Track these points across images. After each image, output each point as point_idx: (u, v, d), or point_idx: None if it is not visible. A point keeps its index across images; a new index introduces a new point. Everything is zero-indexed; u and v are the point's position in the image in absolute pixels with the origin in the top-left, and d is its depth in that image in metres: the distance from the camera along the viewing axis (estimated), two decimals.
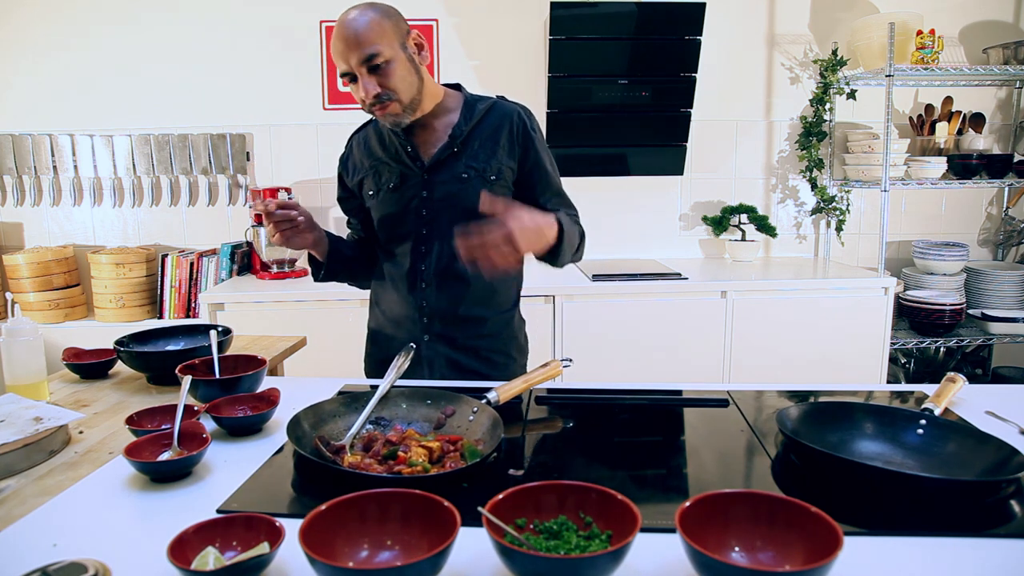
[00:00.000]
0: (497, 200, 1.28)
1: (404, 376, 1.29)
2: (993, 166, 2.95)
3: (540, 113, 2.97)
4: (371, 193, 1.56)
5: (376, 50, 1.33)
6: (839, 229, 3.22)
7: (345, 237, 1.70)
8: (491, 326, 1.57)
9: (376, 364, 1.65)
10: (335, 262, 1.60)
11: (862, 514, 0.89)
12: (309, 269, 1.65)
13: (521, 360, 1.65)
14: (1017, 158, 3.02)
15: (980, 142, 3.03)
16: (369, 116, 1.54)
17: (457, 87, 1.58)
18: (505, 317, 1.60)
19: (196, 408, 1.19)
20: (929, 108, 3.15)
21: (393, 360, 1.29)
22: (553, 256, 1.43)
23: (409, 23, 1.43)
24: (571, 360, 1.41)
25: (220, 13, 3.03)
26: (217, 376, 1.35)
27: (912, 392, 1.37)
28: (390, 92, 1.37)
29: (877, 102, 3.07)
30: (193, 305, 2.96)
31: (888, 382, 2.91)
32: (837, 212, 3.18)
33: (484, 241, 1.21)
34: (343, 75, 1.38)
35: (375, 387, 1.22)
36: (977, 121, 3.11)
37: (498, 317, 1.58)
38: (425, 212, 1.50)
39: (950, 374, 1.31)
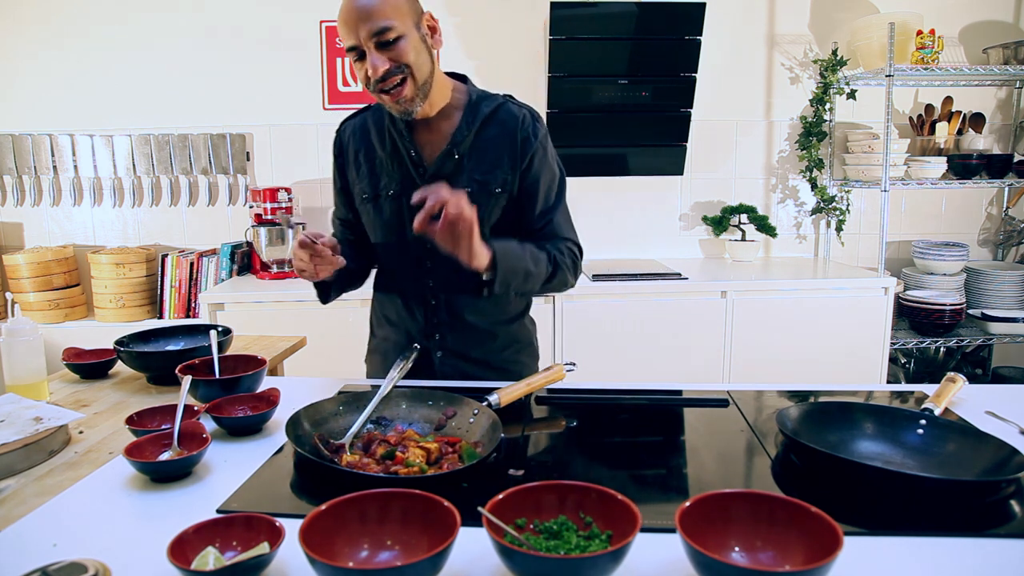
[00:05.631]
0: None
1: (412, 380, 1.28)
2: (993, 166, 2.95)
3: (540, 113, 2.97)
4: (365, 196, 1.44)
5: (388, 24, 1.22)
6: (839, 229, 3.22)
7: (334, 237, 1.49)
8: (503, 338, 1.51)
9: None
10: (342, 282, 1.48)
11: (862, 514, 0.89)
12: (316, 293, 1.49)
13: (533, 365, 1.61)
14: (1017, 158, 3.02)
15: (980, 142, 3.03)
16: (364, 105, 1.47)
17: (463, 79, 1.45)
18: (515, 326, 1.54)
19: (196, 408, 1.19)
20: (929, 108, 3.15)
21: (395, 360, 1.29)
22: (492, 280, 1.29)
23: None
24: (575, 364, 1.41)
25: (220, 13, 3.03)
26: (217, 376, 1.35)
27: (912, 392, 1.37)
28: (403, 66, 1.25)
29: (877, 102, 3.07)
30: (193, 305, 2.96)
31: (888, 382, 2.91)
32: (837, 212, 3.18)
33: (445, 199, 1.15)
34: (350, 50, 1.27)
35: (376, 387, 1.22)
36: (977, 121, 3.11)
37: (508, 327, 1.52)
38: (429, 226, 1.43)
39: (950, 374, 1.31)
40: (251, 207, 2.95)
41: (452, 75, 1.44)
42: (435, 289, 1.44)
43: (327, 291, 1.48)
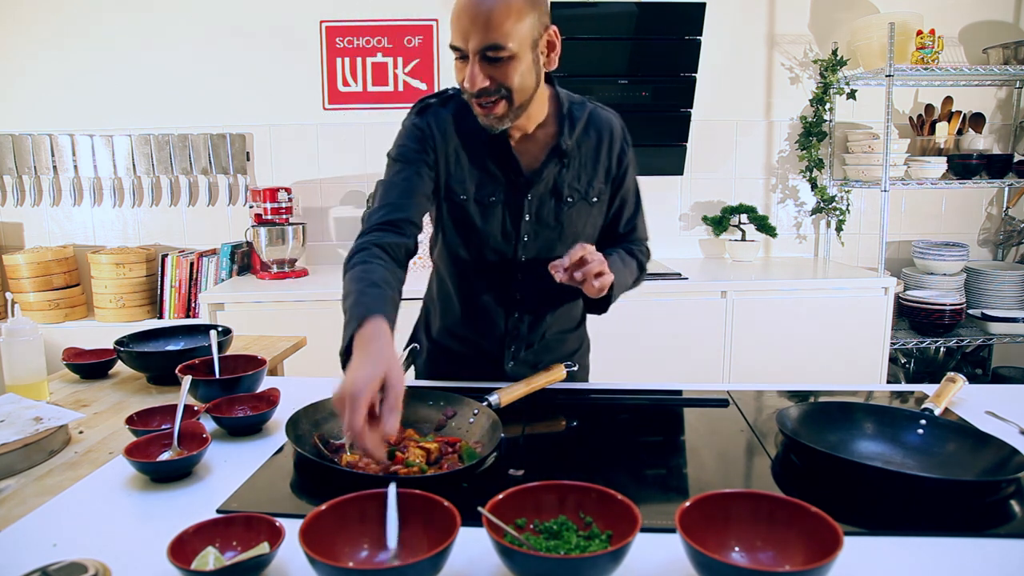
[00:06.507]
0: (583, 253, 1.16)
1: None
2: (993, 166, 2.95)
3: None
4: (463, 198, 1.31)
5: (502, 42, 1.11)
6: (839, 229, 3.22)
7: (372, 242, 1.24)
8: (570, 344, 1.52)
9: (438, 376, 1.47)
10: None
11: (862, 514, 0.89)
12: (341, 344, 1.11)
13: (588, 363, 1.61)
14: (1017, 158, 3.02)
15: (980, 142, 3.03)
16: (449, 93, 1.34)
17: (549, 80, 1.33)
18: (581, 331, 1.55)
19: (196, 408, 1.19)
20: (929, 108, 3.15)
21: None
22: (601, 307, 1.37)
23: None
24: (575, 364, 1.41)
25: (220, 13, 3.02)
26: (217, 376, 1.35)
27: (912, 392, 1.37)
28: (502, 89, 1.16)
29: (877, 102, 3.07)
30: (193, 305, 2.96)
31: (888, 382, 2.90)
32: (837, 212, 3.18)
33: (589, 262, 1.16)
34: (454, 49, 1.16)
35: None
36: (977, 121, 3.11)
37: (575, 333, 1.53)
38: (527, 237, 1.33)
39: (950, 374, 1.31)
40: (251, 207, 2.95)
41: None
42: (521, 302, 1.40)
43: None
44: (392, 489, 0.79)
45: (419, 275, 1.77)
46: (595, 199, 1.36)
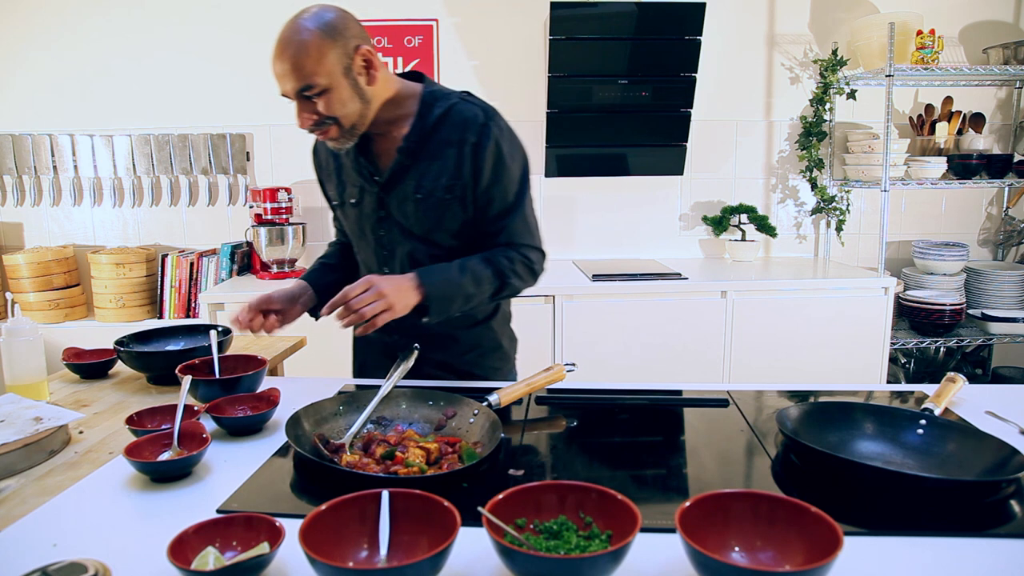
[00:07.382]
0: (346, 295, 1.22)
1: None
2: (993, 166, 2.95)
3: (540, 113, 2.97)
4: (335, 203, 1.50)
5: (310, 81, 1.22)
6: (839, 229, 3.22)
7: (334, 238, 1.68)
8: (465, 342, 1.48)
9: (367, 370, 1.59)
10: (327, 296, 1.52)
11: (862, 514, 0.89)
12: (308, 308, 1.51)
13: (505, 367, 1.57)
14: (1017, 158, 3.02)
15: (980, 142, 3.03)
16: None
17: (419, 78, 1.40)
18: (479, 329, 1.50)
19: (196, 408, 1.19)
20: (929, 108, 3.15)
21: (396, 361, 1.29)
22: (427, 314, 1.30)
23: (366, 27, 1.28)
24: (575, 365, 1.40)
25: (220, 13, 3.02)
26: (217, 376, 1.35)
27: (912, 392, 1.37)
28: (327, 120, 1.26)
29: (877, 102, 3.07)
30: (193, 305, 2.96)
31: (888, 382, 2.91)
32: (837, 212, 3.18)
33: (349, 301, 1.20)
34: (281, 94, 1.28)
35: (376, 387, 1.22)
36: (977, 121, 3.11)
37: (471, 332, 1.49)
38: (383, 233, 1.41)
39: (950, 374, 1.31)
40: (251, 207, 2.95)
41: (409, 75, 1.40)
42: None
43: (314, 312, 1.51)
44: (385, 496, 0.79)
45: None
46: (447, 195, 1.34)
